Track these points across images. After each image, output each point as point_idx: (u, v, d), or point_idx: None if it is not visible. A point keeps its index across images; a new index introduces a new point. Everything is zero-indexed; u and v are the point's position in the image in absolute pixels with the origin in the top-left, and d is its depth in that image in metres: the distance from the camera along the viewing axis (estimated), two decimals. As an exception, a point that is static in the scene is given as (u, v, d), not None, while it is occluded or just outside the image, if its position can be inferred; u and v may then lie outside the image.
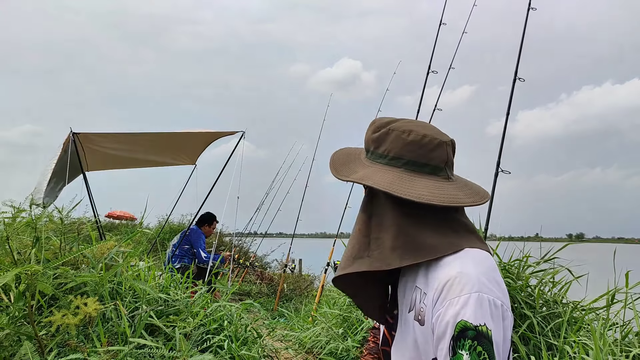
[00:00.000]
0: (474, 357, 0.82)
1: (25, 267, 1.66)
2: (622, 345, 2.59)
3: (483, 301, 0.85)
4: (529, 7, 3.83)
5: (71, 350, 1.83)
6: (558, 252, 3.36)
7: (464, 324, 0.83)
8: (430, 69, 4.82)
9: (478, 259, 0.90)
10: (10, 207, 2.12)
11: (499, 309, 0.86)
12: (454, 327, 0.84)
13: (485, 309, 0.84)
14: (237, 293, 7.60)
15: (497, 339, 0.84)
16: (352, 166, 1.03)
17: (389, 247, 0.93)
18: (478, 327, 0.83)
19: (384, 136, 0.99)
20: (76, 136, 5.44)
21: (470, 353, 0.82)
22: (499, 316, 0.85)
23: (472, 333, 0.83)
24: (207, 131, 6.17)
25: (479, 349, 0.82)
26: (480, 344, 0.82)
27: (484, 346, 0.82)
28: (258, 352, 2.83)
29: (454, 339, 0.84)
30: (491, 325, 0.84)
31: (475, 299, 0.85)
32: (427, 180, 0.95)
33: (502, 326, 0.85)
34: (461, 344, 0.83)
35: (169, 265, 5.62)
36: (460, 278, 0.86)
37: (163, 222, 10.17)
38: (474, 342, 0.82)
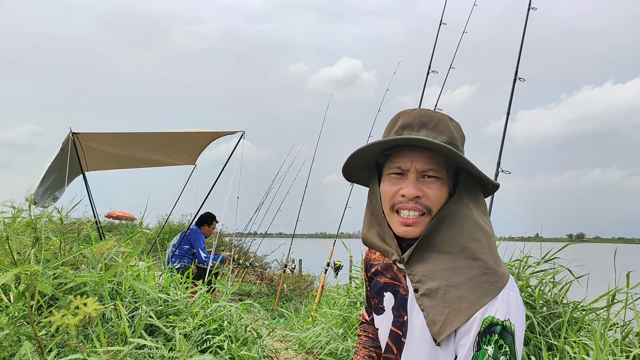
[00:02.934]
0: (496, 350, 0.85)
1: (24, 267, 1.66)
2: (623, 346, 2.59)
3: (510, 298, 0.89)
4: (529, 7, 3.83)
5: (71, 351, 1.82)
6: (558, 252, 3.36)
7: (491, 319, 0.87)
8: (430, 68, 4.82)
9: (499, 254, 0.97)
10: (10, 207, 2.11)
11: (521, 307, 0.90)
12: (481, 322, 0.87)
13: (512, 305, 0.88)
14: (237, 293, 7.60)
15: (519, 335, 0.88)
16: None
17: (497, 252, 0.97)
18: (504, 323, 0.86)
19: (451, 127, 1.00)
20: (76, 136, 5.44)
21: (494, 347, 0.85)
22: (520, 314, 0.89)
23: (499, 328, 0.86)
24: (207, 131, 6.16)
25: (501, 342, 0.85)
26: (503, 338, 0.86)
27: (506, 340, 0.86)
28: (258, 353, 2.83)
29: (480, 335, 0.87)
30: (515, 321, 0.87)
31: (502, 295, 0.88)
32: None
33: (523, 324, 0.90)
34: (487, 339, 0.86)
35: (169, 265, 5.62)
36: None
37: (163, 222, 10.17)
38: (499, 337, 0.86)
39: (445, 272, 0.92)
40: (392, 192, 1.00)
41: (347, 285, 4.94)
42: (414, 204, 0.97)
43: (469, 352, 0.87)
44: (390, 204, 1.00)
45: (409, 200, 0.97)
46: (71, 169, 5.44)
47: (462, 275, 0.91)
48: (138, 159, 6.98)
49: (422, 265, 0.96)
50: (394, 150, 1.00)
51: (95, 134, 5.66)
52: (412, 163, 0.97)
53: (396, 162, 0.99)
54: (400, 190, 0.98)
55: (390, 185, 1.01)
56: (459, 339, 0.89)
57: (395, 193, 0.99)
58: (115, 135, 5.87)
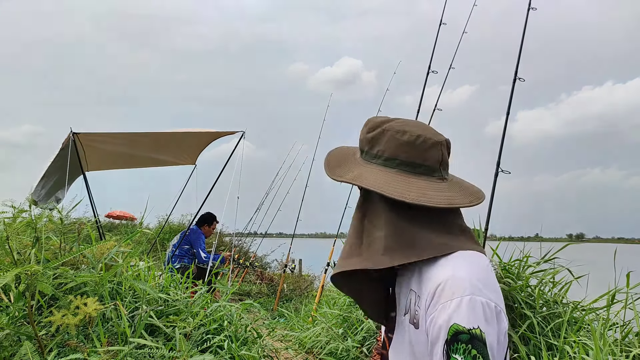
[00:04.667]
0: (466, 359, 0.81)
1: (25, 267, 1.66)
2: (622, 346, 2.59)
3: (476, 304, 0.84)
4: (529, 7, 3.83)
5: (71, 351, 1.82)
6: (558, 252, 3.36)
7: (456, 327, 0.83)
8: (430, 68, 4.82)
9: (471, 261, 0.90)
10: (11, 207, 2.12)
11: (493, 311, 0.85)
12: (447, 331, 0.83)
13: (478, 311, 0.84)
14: (237, 293, 7.60)
15: (492, 341, 0.83)
16: (347, 166, 1.02)
17: (380, 247, 0.93)
18: (471, 331, 0.82)
19: (379, 136, 0.98)
20: (76, 136, 5.44)
21: (465, 357, 0.82)
22: (493, 318, 0.84)
23: (465, 337, 0.82)
24: (207, 131, 6.17)
25: (474, 352, 0.81)
26: (475, 347, 0.82)
27: (478, 349, 0.82)
28: (258, 352, 2.83)
29: (447, 343, 0.83)
30: (485, 327, 0.83)
31: (468, 302, 0.84)
32: (422, 181, 0.94)
33: (497, 328, 0.84)
34: (454, 347, 0.83)
35: (169, 265, 5.62)
36: (452, 281, 0.86)
37: (163, 222, 10.17)
38: (467, 345, 0.82)
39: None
40: None
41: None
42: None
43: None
44: None
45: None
46: (71, 169, 5.44)
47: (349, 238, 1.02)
48: (138, 158, 6.99)
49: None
50: None
51: (95, 133, 5.66)
52: None
53: None
54: None
55: None
56: (432, 347, 0.87)
57: None
58: (115, 135, 5.88)
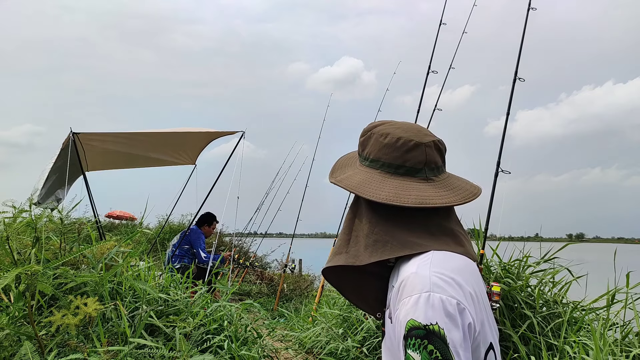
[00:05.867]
0: (425, 356, 0.81)
1: (25, 267, 1.66)
2: (622, 345, 2.59)
3: (434, 300, 0.84)
4: (529, 7, 3.83)
5: (71, 351, 1.82)
6: (558, 252, 3.36)
7: (412, 323, 0.83)
8: (430, 68, 4.82)
9: (438, 260, 0.90)
10: (11, 207, 2.12)
11: (455, 307, 0.84)
12: (405, 326, 0.84)
13: (437, 308, 0.83)
14: (237, 293, 7.60)
15: (453, 337, 0.82)
16: (345, 169, 1.09)
17: (362, 245, 0.98)
18: (428, 327, 0.82)
19: (367, 140, 1.05)
20: (76, 136, 5.44)
21: (421, 352, 0.81)
22: (454, 314, 0.84)
23: (420, 332, 0.82)
24: (207, 131, 6.17)
25: (430, 347, 0.81)
26: (431, 343, 0.81)
27: (435, 344, 0.81)
28: (258, 352, 2.83)
29: (405, 338, 0.84)
30: (444, 323, 0.82)
31: (425, 298, 0.84)
32: (400, 181, 0.97)
33: (460, 324, 0.84)
34: (409, 343, 0.83)
35: (169, 265, 5.62)
36: (413, 278, 0.87)
37: (163, 222, 10.17)
38: (423, 341, 0.81)
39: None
40: None
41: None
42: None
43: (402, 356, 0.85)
44: None
45: None
46: (72, 170, 5.44)
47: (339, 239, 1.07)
48: (138, 158, 6.99)
49: None
50: None
51: (95, 133, 5.66)
52: None
53: None
54: None
55: None
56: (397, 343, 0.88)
57: None
58: (115, 135, 5.88)
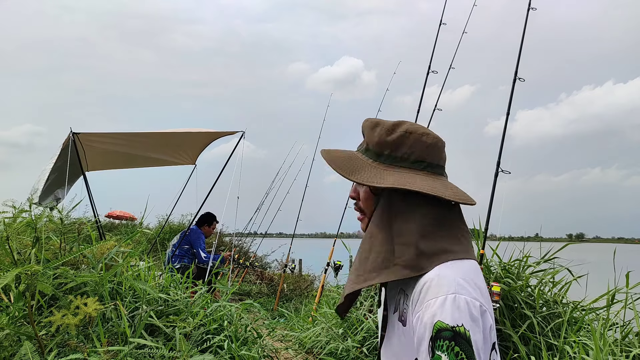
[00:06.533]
0: (452, 357, 0.83)
1: (25, 267, 1.66)
2: (622, 345, 2.59)
3: (460, 302, 0.86)
4: (529, 7, 3.83)
5: (71, 351, 1.82)
6: (558, 252, 3.36)
7: (440, 325, 0.84)
8: (430, 68, 4.82)
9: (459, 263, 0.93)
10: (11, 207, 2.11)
11: (478, 310, 0.86)
12: (432, 328, 0.85)
13: (462, 310, 0.85)
14: (237, 293, 7.60)
15: (477, 339, 0.84)
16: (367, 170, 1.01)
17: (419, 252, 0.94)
18: (455, 328, 0.84)
19: (403, 139, 1.00)
20: (76, 136, 5.44)
21: (448, 354, 0.83)
22: (477, 317, 0.86)
23: (448, 334, 0.83)
24: (207, 131, 6.17)
25: (457, 349, 0.83)
26: (458, 344, 0.83)
27: (461, 346, 0.83)
28: (258, 352, 2.83)
29: (432, 340, 0.85)
30: (469, 325, 0.84)
31: (452, 300, 0.85)
32: (442, 180, 1.00)
33: (481, 327, 0.86)
34: (438, 345, 0.84)
35: (169, 265, 5.62)
36: (438, 280, 0.88)
37: (163, 222, 10.17)
38: (451, 342, 0.83)
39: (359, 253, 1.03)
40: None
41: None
42: (355, 205, 1.10)
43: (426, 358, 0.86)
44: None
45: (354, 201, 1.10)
46: (72, 170, 5.44)
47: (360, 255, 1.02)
48: (138, 158, 6.99)
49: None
50: None
51: (95, 133, 5.66)
52: None
53: None
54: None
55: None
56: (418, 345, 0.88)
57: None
58: (115, 135, 5.88)
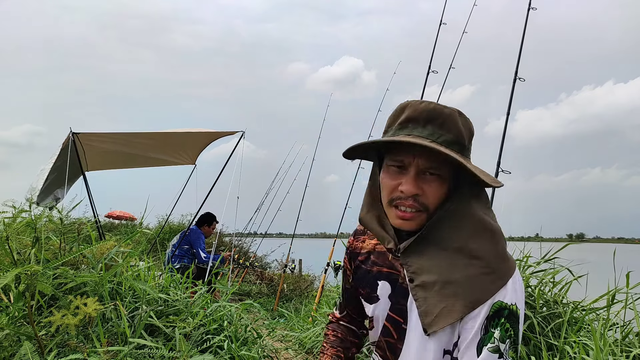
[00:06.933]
0: (503, 333, 0.90)
1: (25, 267, 1.66)
2: (623, 346, 2.59)
3: (518, 282, 0.94)
4: (529, 7, 3.83)
5: (71, 351, 1.82)
6: (558, 252, 3.36)
7: (500, 304, 0.91)
8: (431, 68, 4.82)
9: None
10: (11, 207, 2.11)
11: (523, 291, 0.96)
12: (490, 307, 0.91)
13: (519, 290, 0.95)
14: (237, 293, 7.60)
15: (522, 318, 0.94)
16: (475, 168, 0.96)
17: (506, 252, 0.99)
18: (511, 307, 0.91)
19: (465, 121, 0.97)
20: (76, 136, 5.44)
21: (501, 330, 0.90)
22: (523, 297, 0.95)
23: (506, 312, 0.91)
24: (207, 131, 6.17)
25: (507, 325, 0.91)
26: (509, 322, 0.91)
27: (512, 324, 0.91)
28: (258, 353, 2.83)
29: (488, 319, 0.91)
30: (520, 305, 0.93)
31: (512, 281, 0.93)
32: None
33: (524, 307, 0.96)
34: (495, 322, 0.91)
35: (169, 265, 5.62)
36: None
37: (163, 222, 10.17)
38: (505, 320, 0.91)
39: (442, 268, 0.94)
40: (391, 186, 0.98)
41: None
42: (412, 201, 0.96)
43: (476, 335, 0.91)
44: (389, 198, 0.99)
45: (407, 197, 0.96)
46: (71, 170, 5.44)
47: (460, 273, 0.93)
48: (138, 158, 6.99)
49: (418, 258, 0.98)
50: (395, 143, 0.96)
51: (95, 133, 5.66)
52: (414, 159, 0.95)
53: (398, 155, 0.98)
54: (400, 186, 0.96)
55: (389, 178, 0.99)
56: (465, 323, 0.92)
57: (395, 188, 0.97)
58: (115, 135, 5.88)
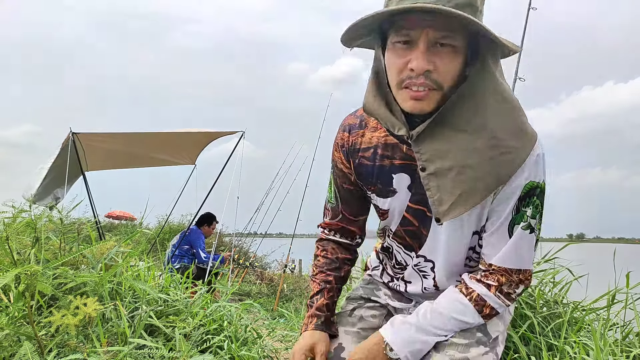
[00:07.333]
0: (534, 210, 0.93)
1: (25, 268, 1.66)
2: (623, 346, 2.59)
3: (543, 160, 0.94)
4: (529, 7, 3.83)
5: (71, 351, 1.82)
6: (558, 252, 3.36)
7: (532, 184, 0.93)
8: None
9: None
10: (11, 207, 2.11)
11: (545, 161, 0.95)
12: (522, 188, 0.92)
13: (540, 163, 0.93)
14: (237, 293, 7.60)
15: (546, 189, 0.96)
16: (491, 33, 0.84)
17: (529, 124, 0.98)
18: (540, 184, 0.94)
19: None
20: (76, 136, 5.45)
21: (532, 208, 0.93)
22: (546, 168, 0.96)
23: (538, 190, 0.94)
24: (207, 131, 6.18)
25: (537, 202, 0.94)
26: (539, 199, 0.94)
27: (541, 200, 0.95)
28: (258, 353, 2.83)
29: (520, 199, 0.93)
30: (545, 178, 0.95)
31: (542, 158, 0.93)
32: None
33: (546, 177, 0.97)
34: (527, 202, 0.93)
35: (169, 265, 5.63)
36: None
37: (163, 222, 10.18)
38: (535, 198, 0.94)
39: (460, 152, 0.87)
40: (399, 65, 0.88)
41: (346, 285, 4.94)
42: (424, 79, 0.85)
43: (508, 217, 0.93)
44: (398, 79, 0.89)
45: (418, 75, 0.85)
46: (71, 169, 5.45)
47: (479, 156, 0.86)
48: (138, 158, 7.00)
49: (433, 143, 0.89)
50: (401, 14, 0.84)
51: (95, 134, 5.67)
52: (422, 30, 0.84)
53: (404, 29, 0.86)
54: (409, 64, 0.85)
55: (396, 57, 0.88)
56: (496, 205, 0.94)
57: (403, 67, 0.87)
58: (115, 135, 5.89)
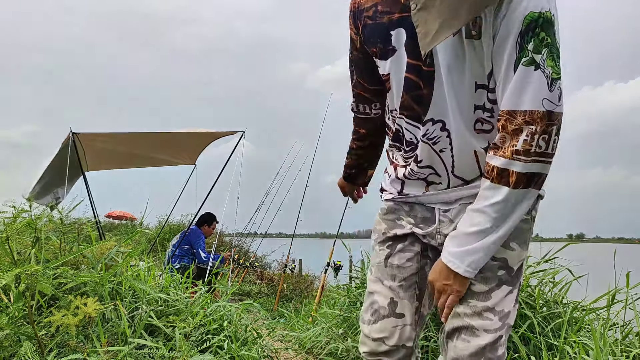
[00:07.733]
0: (537, 43, 0.80)
1: (25, 268, 1.66)
2: (623, 346, 2.59)
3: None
4: (529, 7, 3.83)
5: (71, 351, 1.82)
6: (558, 252, 3.36)
7: (531, 15, 0.80)
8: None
9: None
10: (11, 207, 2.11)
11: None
12: (522, 22, 0.80)
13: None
14: (237, 293, 7.60)
15: (556, 21, 0.82)
16: None
17: None
18: (544, 14, 0.80)
19: None
20: (76, 136, 5.44)
21: (535, 41, 0.80)
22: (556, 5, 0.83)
23: (541, 21, 0.80)
24: (207, 131, 6.18)
25: (542, 34, 0.80)
26: (545, 30, 0.80)
27: (547, 31, 0.80)
28: (258, 353, 2.83)
29: (522, 35, 0.81)
30: (554, 10, 0.82)
31: None
32: None
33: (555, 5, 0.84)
34: (529, 37, 0.81)
35: (169, 265, 5.63)
36: None
37: (163, 222, 10.18)
38: (540, 29, 0.80)
39: None
40: None
41: (347, 286, 4.94)
42: None
43: (511, 57, 0.82)
44: None
45: None
46: (71, 169, 5.45)
47: None
48: (138, 158, 6.99)
49: None
50: None
51: (95, 134, 5.67)
52: None
53: None
54: None
55: None
56: (497, 47, 0.83)
57: None
58: (115, 135, 5.89)
